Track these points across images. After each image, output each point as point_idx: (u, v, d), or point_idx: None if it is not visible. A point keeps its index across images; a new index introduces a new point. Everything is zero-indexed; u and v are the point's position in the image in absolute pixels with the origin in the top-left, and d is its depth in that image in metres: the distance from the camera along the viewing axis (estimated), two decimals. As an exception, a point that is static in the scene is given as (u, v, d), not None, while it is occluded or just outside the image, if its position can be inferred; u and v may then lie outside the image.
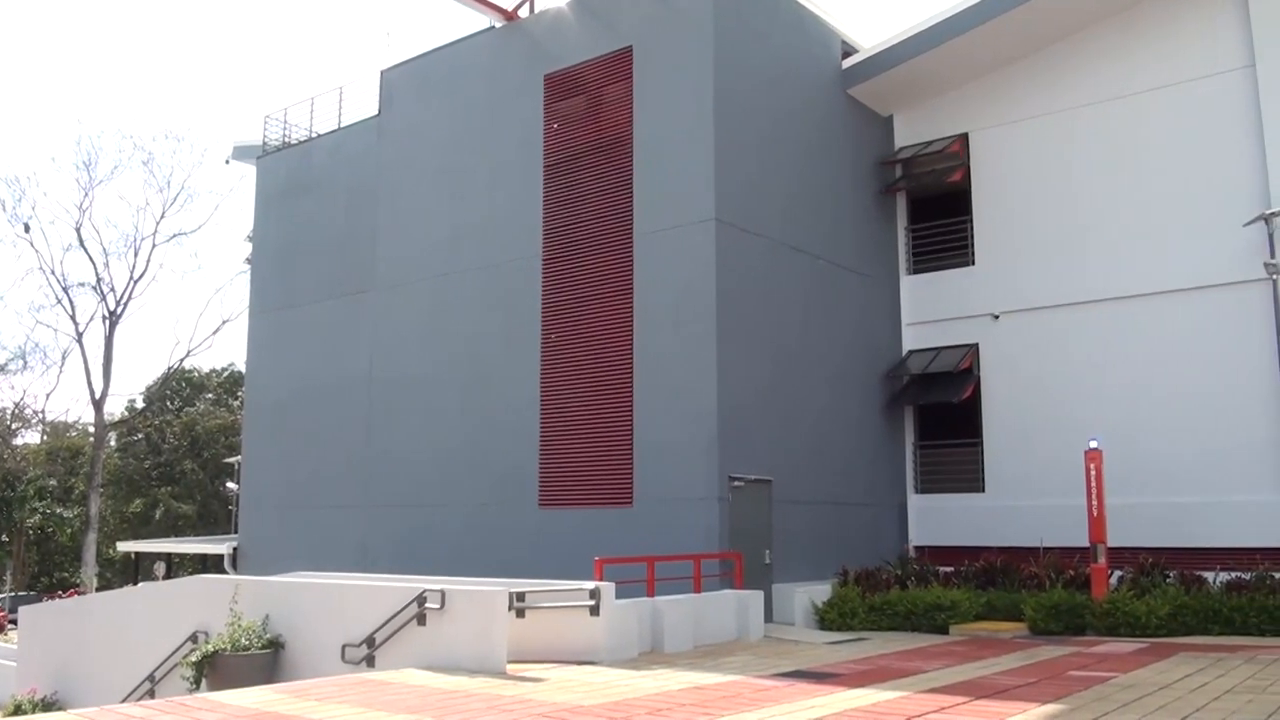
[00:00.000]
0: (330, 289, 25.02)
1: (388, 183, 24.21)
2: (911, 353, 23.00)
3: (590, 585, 13.74)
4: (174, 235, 50.60)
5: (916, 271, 23.45)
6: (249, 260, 28.69)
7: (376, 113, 24.81)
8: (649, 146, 19.57)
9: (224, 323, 51.83)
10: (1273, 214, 18.64)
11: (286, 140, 27.34)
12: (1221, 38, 20.24)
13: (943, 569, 19.80)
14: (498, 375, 21.24)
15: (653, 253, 19.20)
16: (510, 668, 12.30)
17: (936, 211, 23.51)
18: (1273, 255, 18.64)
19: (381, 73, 24.81)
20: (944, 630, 17.37)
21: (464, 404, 21.73)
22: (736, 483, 18.23)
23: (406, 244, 23.52)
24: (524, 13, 22.31)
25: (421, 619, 12.76)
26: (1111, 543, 17.52)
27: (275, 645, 13.76)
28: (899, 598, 18.07)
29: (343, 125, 25.92)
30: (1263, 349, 19.04)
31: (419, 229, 23.31)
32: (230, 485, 38.96)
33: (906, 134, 23.66)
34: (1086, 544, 17.51)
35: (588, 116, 20.76)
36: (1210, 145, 20.13)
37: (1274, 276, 18.61)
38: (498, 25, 22.61)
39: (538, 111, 21.38)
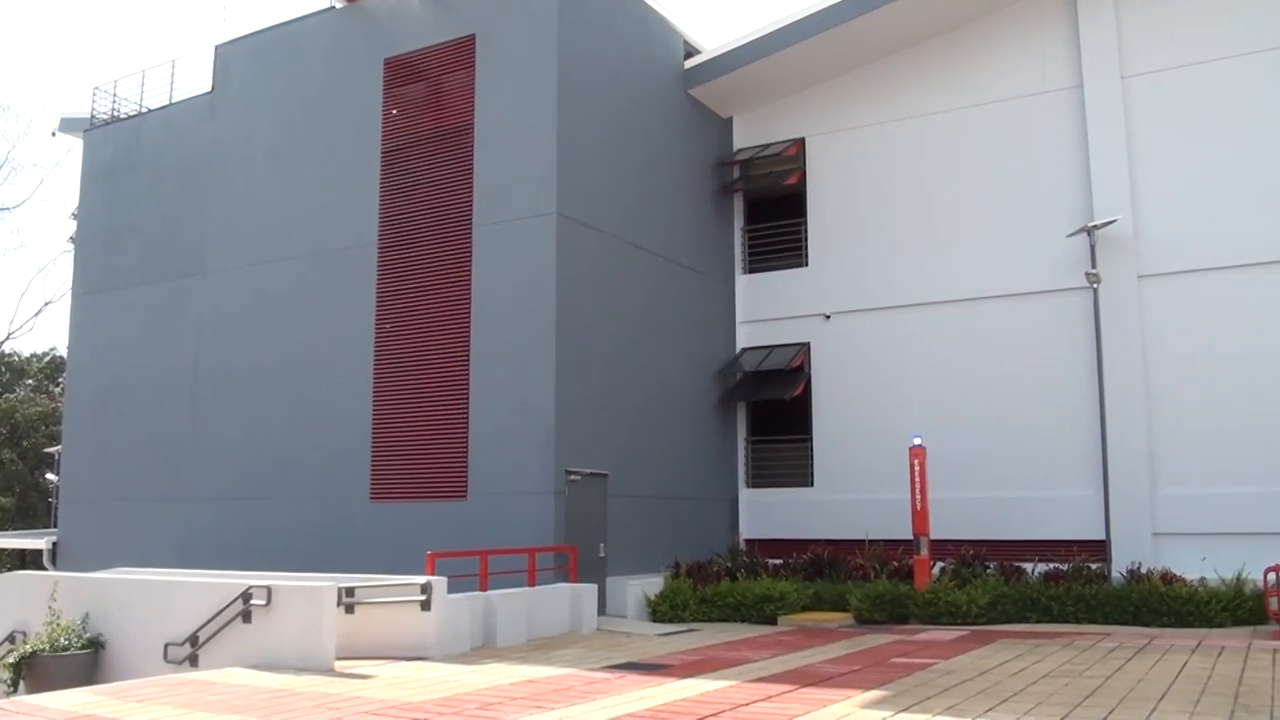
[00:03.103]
0: (157, 271, 24.05)
1: (220, 163, 23.39)
2: (745, 350, 23.44)
3: (421, 580, 13.65)
4: (-5, 209, 47.97)
5: (752, 271, 23.89)
6: (73, 239, 27.35)
7: (210, 89, 23.99)
8: (490, 137, 19.44)
9: (46, 304, 49.71)
10: (1094, 226, 19.62)
11: (116, 114, 26.14)
12: (1051, 59, 21.15)
13: (772, 561, 20.29)
14: (329, 365, 20.80)
15: (492, 245, 19.10)
16: (339, 665, 12.15)
17: (772, 213, 24.00)
18: (1094, 265, 19.62)
19: (216, 47, 23.94)
20: (773, 621, 17.80)
21: (293, 394, 21.20)
22: (572, 477, 18.29)
23: (237, 227, 22.78)
24: (366, -6, 21.90)
25: (247, 616, 12.48)
26: (935, 535, 18.30)
27: (96, 645, 13.30)
28: (729, 589, 18.43)
29: (174, 101, 24.90)
30: (1082, 354, 20.02)
31: (251, 212, 22.60)
32: (50, 477, 37.20)
33: (745, 136, 24.07)
34: (910, 536, 18.23)
35: (428, 104, 20.50)
36: (1037, 159, 21.05)
37: (1094, 286, 19.61)
38: (339, 5, 22.10)
39: (377, 96, 21.01)
